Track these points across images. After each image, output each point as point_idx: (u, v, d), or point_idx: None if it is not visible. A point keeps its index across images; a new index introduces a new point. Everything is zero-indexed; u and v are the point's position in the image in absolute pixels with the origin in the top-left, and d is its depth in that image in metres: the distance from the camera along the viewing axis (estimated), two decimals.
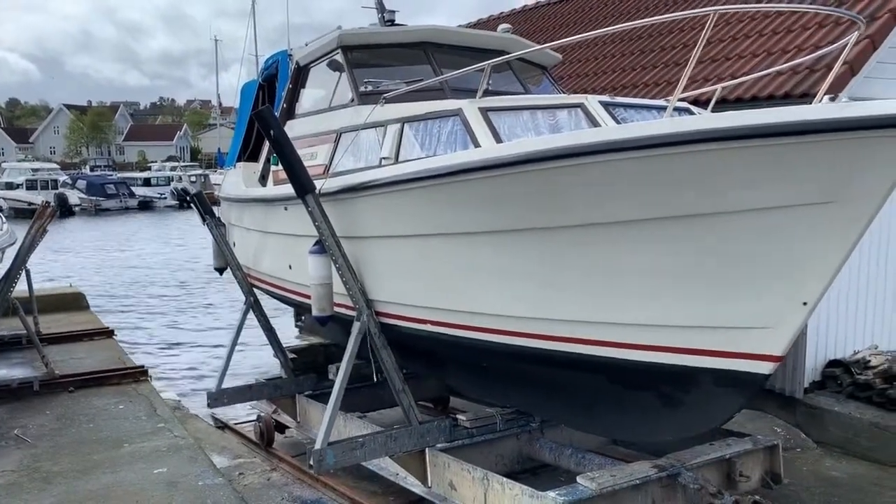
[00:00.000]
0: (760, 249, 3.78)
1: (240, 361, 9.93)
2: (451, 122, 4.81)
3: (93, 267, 23.59)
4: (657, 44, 10.13)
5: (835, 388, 7.72)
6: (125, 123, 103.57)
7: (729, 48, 8.89)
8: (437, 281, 5.00)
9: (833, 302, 7.76)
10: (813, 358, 7.71)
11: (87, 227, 38.58)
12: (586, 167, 3.82)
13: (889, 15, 7.49)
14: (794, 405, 7.61)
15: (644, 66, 9.89)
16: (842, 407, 7.38)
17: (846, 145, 3.35)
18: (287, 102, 7.16)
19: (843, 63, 7.07)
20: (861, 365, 7.69)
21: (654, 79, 9.36)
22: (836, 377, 7.75)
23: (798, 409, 7.59)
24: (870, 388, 7.42)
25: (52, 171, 53.30)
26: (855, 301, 7.97)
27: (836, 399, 7.55)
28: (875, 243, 7.96)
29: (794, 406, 7.61)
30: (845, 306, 7.90)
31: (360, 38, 6.32)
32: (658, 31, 10.31)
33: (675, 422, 4.49)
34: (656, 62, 9.74)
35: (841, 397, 7.57)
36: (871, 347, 8.01)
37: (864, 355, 7.78)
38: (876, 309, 8.14)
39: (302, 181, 5.19)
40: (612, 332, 4.31)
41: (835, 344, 7.93)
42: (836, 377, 7.76)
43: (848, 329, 7.99)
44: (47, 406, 8.04)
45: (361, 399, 6.92)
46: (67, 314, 12.73)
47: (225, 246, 7.67)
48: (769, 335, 3.92)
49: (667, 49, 9.83)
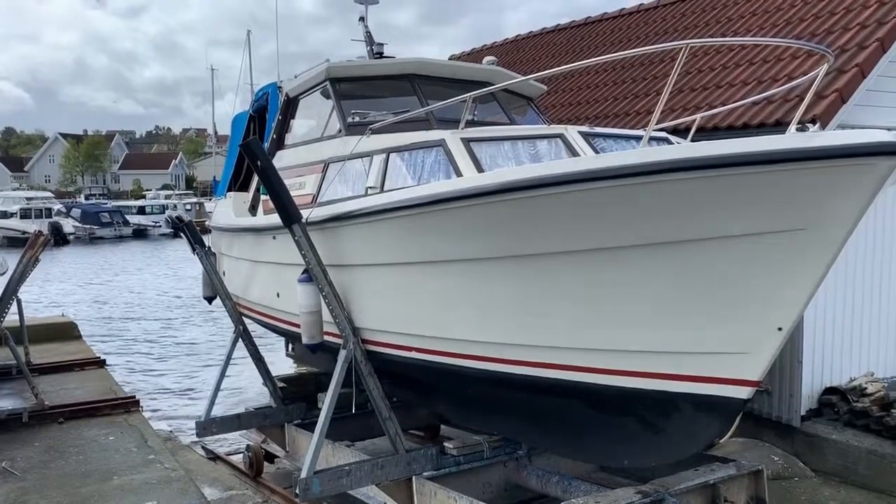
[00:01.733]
0: (735, 276, 3.94)
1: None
2: (435, 153, 5.01)
3: (86, 295, 23.78)
4: (649, 72, 10.40)
5: (832, 415, 7.80)
6: (121, 152, 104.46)
7: (717, 77, 9.13)
8: (420, 309, 5.15)
9: (829, 329, 7.89)
10: (809, 385, 7.81)
11: (82, 256, 38.79)
12: (562, 196, 4.00)
13: (877, 44, 7.71)
14: (792, 433, 7.69)
15: (636, 94, 10.15)
16: (839, 435, 7.44)
17: (814, 174, 3.53)
18: (277, 133, 7.40)
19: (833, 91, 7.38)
20: (858, 392, 7.76)
21: (645, 107, 9.60)
22: (833, 405, 7.82)
23: (795, 438, 7.67)
24: (867, 415, 7.49)
25: (47, 199, 53.67)
26: (850, 328, 8.10)
27: (833, 427, 7.62)
28: (870, 270, 8.12)
29: (792, 434, 7.69)
30: (841, 333, 8.03)
31: (347, 70, 6.56)
32: (650, 60, 10.59)
33: (658, 447, 4.60)
34: (648, 90, 9.99)
35: (838, 425, 7.64)
36: (868, 374, 8.10)
37: (861, 382, 7.85)
38: (871, 336, 8.27)
39: (288, 210, 5.37)
40: (591, 358, 4.45)
41: (831, 371, 8.03)
42: (832, 405, 7.83)
43: (844, 356, 8.09)
44: (36, 437, 8.07)
45: (352, 428, 7.04)
46: (59, 344, 12.80)
47: (214, 275, 7.84)
48: (746, 360, 4.06)
49: (658, 77, 10.09)
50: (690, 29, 10.90)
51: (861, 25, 8.09)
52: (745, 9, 10.37)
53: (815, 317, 7.71)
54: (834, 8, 8.81)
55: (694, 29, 10.83)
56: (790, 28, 9.11)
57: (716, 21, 10.63)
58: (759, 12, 10.03)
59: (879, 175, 3.49)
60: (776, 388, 7.76)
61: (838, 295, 7.92)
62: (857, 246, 7.93)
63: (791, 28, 9.09)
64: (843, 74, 7.61)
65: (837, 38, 8.22)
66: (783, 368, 7.67)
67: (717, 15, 10.78)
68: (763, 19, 9.79)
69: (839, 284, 7.87)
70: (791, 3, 9.64)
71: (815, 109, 7.28)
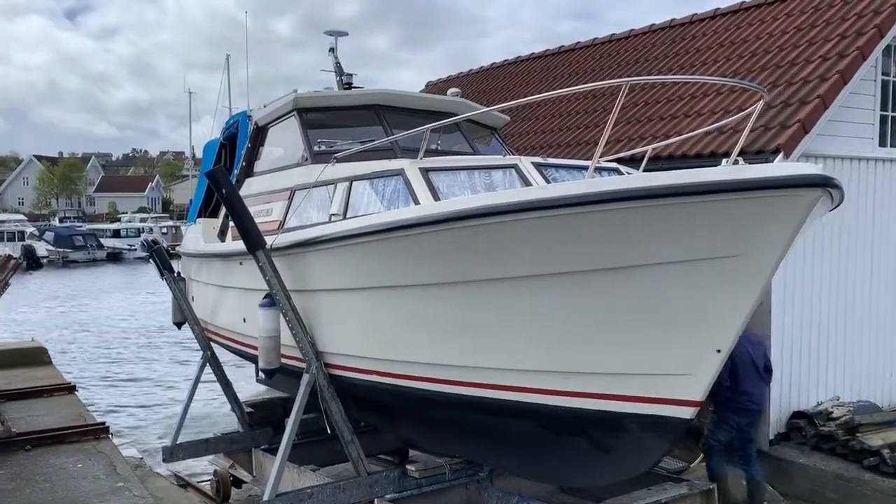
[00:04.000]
0: (673, 300, 4.24)
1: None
2: (395, 181, 5.33)
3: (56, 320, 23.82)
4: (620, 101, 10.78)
5: (799, 439, 8.07)
6: (96, 174, 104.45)
7: (685, 107, 9.56)
8: (378, 332, 5.43)
9: (796, 354, 8.20)
10: (777, 410, 8.10)
11: (54, 280, 38.71)
12: (509, 224, 4.31)
13: (838, 76, 8.09)
14: (760, 457, 7.84)
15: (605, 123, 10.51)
16: (807, 459, 7.70)
17: (742, 205, 3.85)
18: (246, 161, 7.71)
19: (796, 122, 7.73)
20: (824, 416, 8.03)
21: (615, 135, 9.98)
22: (801, 429, 8.10)
23: (764, 461, 7.82)
24: (833, 439, 7.77)
25: (20, 222, 53.63)
26: (817, 353, 8.42)
27: (800, 451, 7.88)
28: (835, 296, 8.45)
29: (761, 458, 7.84)
30: (808, 358, 8.34)
31: (314, 100, 6.89)
32: (616, 91, 10.95)
33: (608, 466, 4.88)
34: (619, 119, 10.38)
35: (806, 449, 7.90)
36: (834, 399, 8.38)
37: (827, 406, 8.13)
38: (837, 360, 8.59)
39: (252, 237, 5.64)
40: (540, 379, 4.74)
41: (798, 395, 8.32)
42: (800, 428, 8.11)
43: (811, 381, 8.40)
44: (2, 465, 7.96)
45: (321, 452, 7.22)
46: (28, 369, 12.64)
47: (183, 300, 8.07)
48: (687, 381, 4.36)
49: (628, 107, 10.49)
50: (661, 59, 11.35)
51: (823, 58, 8.49)
52: (712, 40, 10.85)
53: (782, 342, 8.01)
54: (797, 41, 9.25)
55: (664, 59, 11.28)
56: (756, 59, 9.54)
57: (685, 51, 11.08)
58: (726, 44, 10.49)
59: (805, 205, 3.82)
60: None
61: (804, 320, 8.24)
62: (822, 271, 8.29)
63: (757, 59, 9.52)
64: (804, 105, 7.98)
65: (800, 70, 8.64)
66: None
67: (687, 45, 11.23)
68: (730, 50, 10.24)
69: (805, 310, 8.21)
70: (757, 35, 10.11)
71: (780, 139, 7.66)
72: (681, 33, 11.82)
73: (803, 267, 8.15)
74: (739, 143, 4.74)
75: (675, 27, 12.21)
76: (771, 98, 8.39)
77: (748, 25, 10.59)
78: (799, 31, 9.46)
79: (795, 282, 8.08)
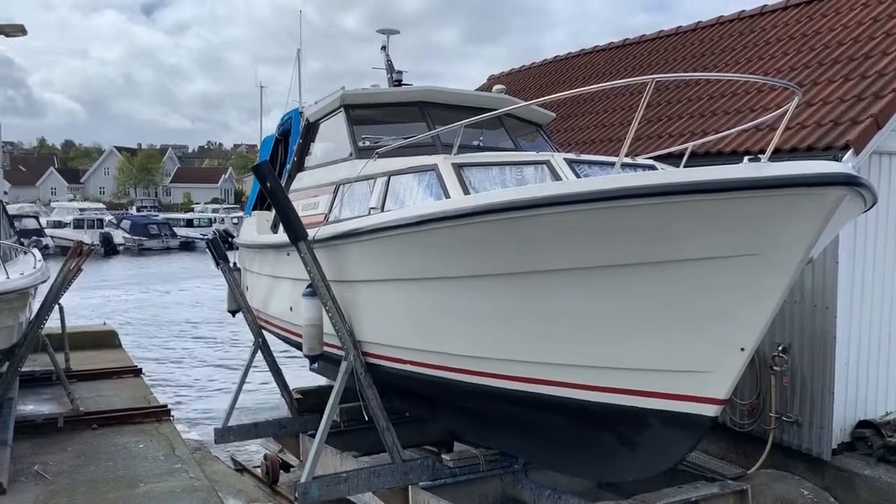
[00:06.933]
0: (699, 297, 4.38)
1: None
2: (429, 176, 5.63)
3: (129, 304, 25.31)
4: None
5: (865, 450, 7.87)
6: (172, 166, 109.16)
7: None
8: (414, 323, 5.73)
9: (863, 361, 8.01)
10: (841, 418, 7.91)
11: (129, 266, 40.97)
12: (533, 219, 4.53)
13: None
14: (822, 467, 7.78)
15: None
16: (872, 470, 7.52)
17: (765, 202, 3.97)
18: (298, 156, 8.16)
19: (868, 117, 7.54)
20: (892, 427, 7.85)
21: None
22: (867, 439, 7.89)
23: (826, 472, 7.75)
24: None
25: (99, 210, 56.50)
26: (886, 360, 8.21)
27: (866, 462, 7.70)
28: None
29: (822, 468, 7.78)
30: (876, 366, 8.14)
31: (360, 97, 7.27)
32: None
33: (632, 462, 5.06)
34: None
35: (871, 460, 7.71)
36: None
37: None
38: None
39: (294, 229, 6.03)
40: (570, 373, 4.94)
41: (865, 404, 8.11)
42: (865, 439, 7.90)
43: (879, 389, 8.19)
44: (70, 443, 8.63)
45: (365, 440, 7.54)
46: (99, 351, 13.61)
47: (237, 289, 8.60)
48: (711, 379, 4.50)
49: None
50: (727, 52, 11.21)
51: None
52: (783, 32, 10.67)
53: (848, 347, 7.84)
54: (874, 32, 9.04)
55: (731, 52, 11.14)
56: (828, 51, 9.35)
57: (753, 44, 10.92)
58: (797, 36, 10.30)
59: (828, 205, 3.91)
60: (806, 420, 7.86)
61: (873, 325, 8.04)
62: (893, 275, 8.06)
63: (829, 51, 9.33)
64: (879, 100, 7.80)
65: (876, 63, 8.46)
66: (814, 400, 7.80)
67: (756, 38, 11.06)
68: (801, 42, 10.04)
69: (875, 315, 8.01)
70: (830, 27, 9.91)
71: (849, 135, 7.52)
72: (750, 25, 11.65)
73: (873, 270, 7.94)
74: (773, 141, 4.80)
75: (745, 19, 12.03)
76: (804, 98, 8.26)
77: (821, 17, 10.37)
78: (876, 22, 9.23)
79: (864, 285, 7.88)
